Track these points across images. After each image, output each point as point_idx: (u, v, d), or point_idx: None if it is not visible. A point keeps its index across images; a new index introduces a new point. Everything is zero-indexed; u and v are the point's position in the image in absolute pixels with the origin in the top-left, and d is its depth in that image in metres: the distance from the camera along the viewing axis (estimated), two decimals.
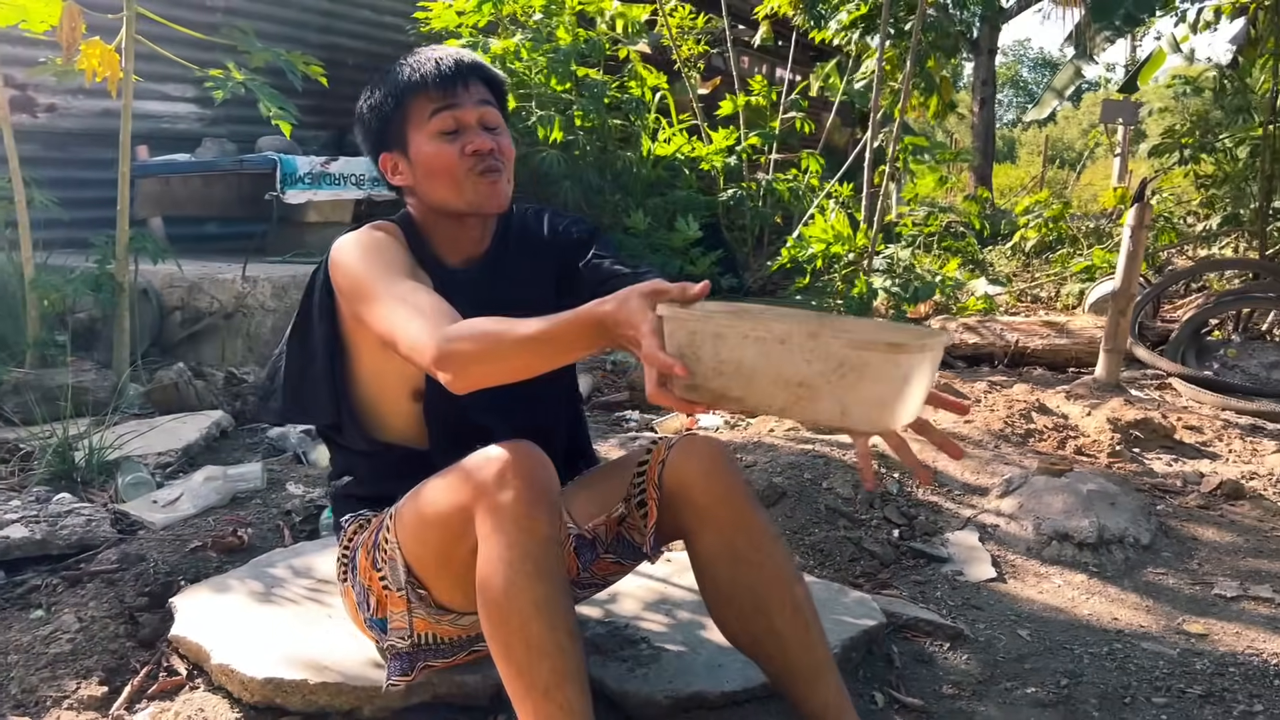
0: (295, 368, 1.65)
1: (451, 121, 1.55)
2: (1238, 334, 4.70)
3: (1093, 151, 41.28)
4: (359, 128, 1.65)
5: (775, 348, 1.06)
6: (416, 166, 1.57)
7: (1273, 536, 2.69)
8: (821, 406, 1.07)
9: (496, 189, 1.57)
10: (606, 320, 1.22)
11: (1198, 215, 8.18)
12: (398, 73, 1.59)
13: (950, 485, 2.80)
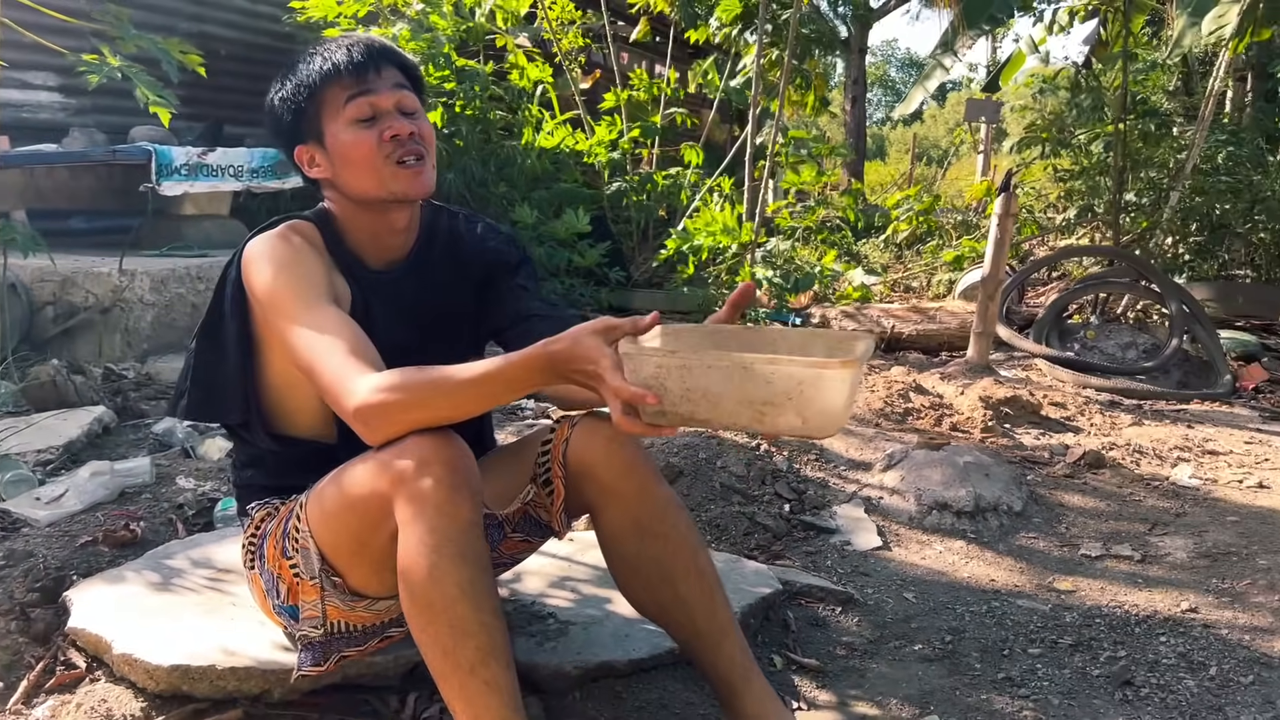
0: (206, 366, 1.63)
1: (367, 108, 1.53)
2: (1096, 317, 5.00)
3: (958, 149, 42.76)
4: (270, 122, 1.62)
5: (739, 373, 1.20)
6: (334, 157, 1.55)
7: (1131, 501, 2.89)
8: (783, 420, 1.21)
9: (420, 175, 1.56)
10: (558, 358, 1.29)
11: (1056, 208, 8.63)
12: (308, 62, 1.57)
13: (836, 461, 2.92)
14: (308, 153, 1.59)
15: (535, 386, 1.37)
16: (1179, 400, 4.15)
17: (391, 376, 1.37)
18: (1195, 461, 3.28)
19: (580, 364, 1.28)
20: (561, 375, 1.32)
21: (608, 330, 1.28)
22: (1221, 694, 1.82)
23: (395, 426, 1.36)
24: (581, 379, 1.30)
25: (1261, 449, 3.51)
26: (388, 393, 1.35)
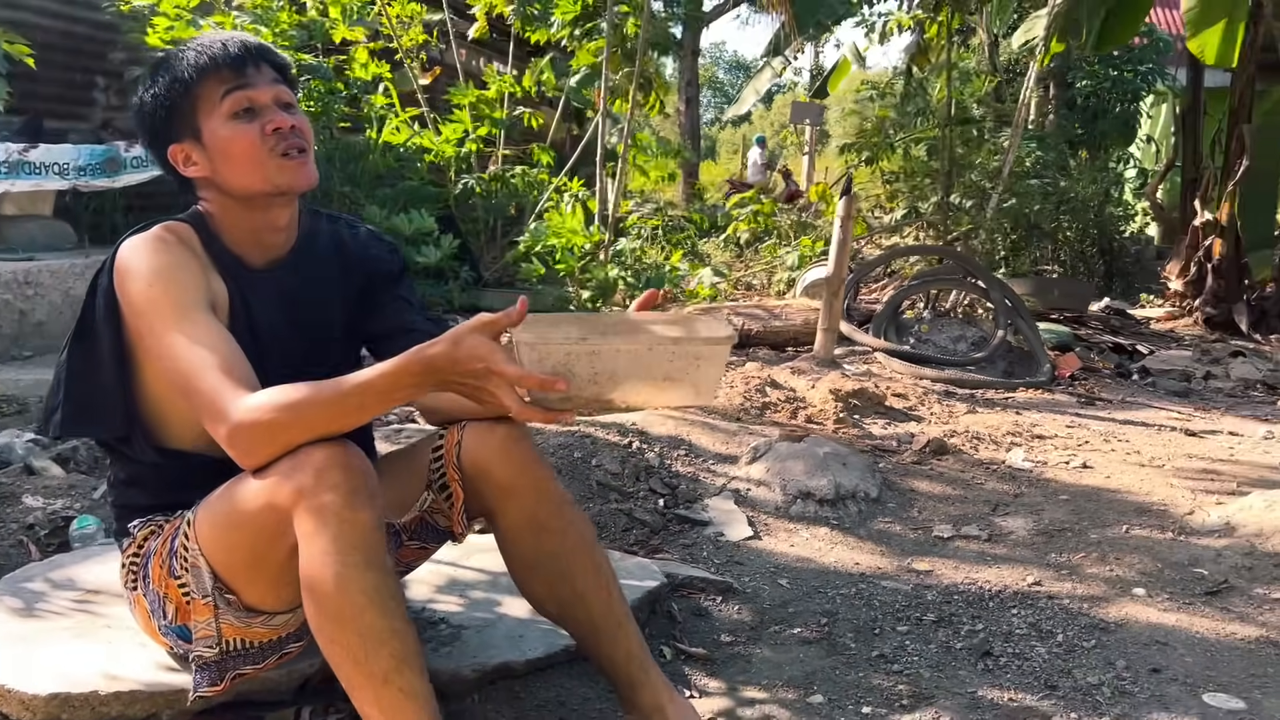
0: (79, 378, 1.55)
1: (246, 101, 1.49)
2: (928, 312, 5.30)
3: (783, 150, 44.19)
4: (140, 121, 1.56)
5: (644, 354, 1.29)
6: (213, 153, 1.51)
7: (974, 485, 3.10)
8: (679, 392, 1.34)
9: (304, 167, 1.53)
10: (439, 361, 1.29)
11: (884, 209, 9.08)
12: (180, 58, 1.52)
13: (704, 455, 3.01)
14: (183, 151, 1.54)
15: (413, 395, 1.38)
16: (1006, 389, 4.46)
17: (264, 397, 1.35)
18: (1026, 445, 3.54)
19: (466, 364, 1.28)
20: (442, 381, 1.32)
21: (486, 326, 1.29)
22: (1069, 658, 1.99)
23: (271, 448, 1.35)
24: (468, 379, 1.30)
25: (1082, 432, 3.82)
26: (261, 414, 1.34)
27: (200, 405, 1.39)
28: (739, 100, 11.81)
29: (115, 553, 2.01)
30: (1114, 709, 1.80)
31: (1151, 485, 3.12)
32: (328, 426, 1.36)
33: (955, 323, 5.03)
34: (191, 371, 1.40)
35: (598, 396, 1.31)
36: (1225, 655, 2.03)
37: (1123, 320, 6.64)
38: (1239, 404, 4.57)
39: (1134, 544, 2.60)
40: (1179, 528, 2.73)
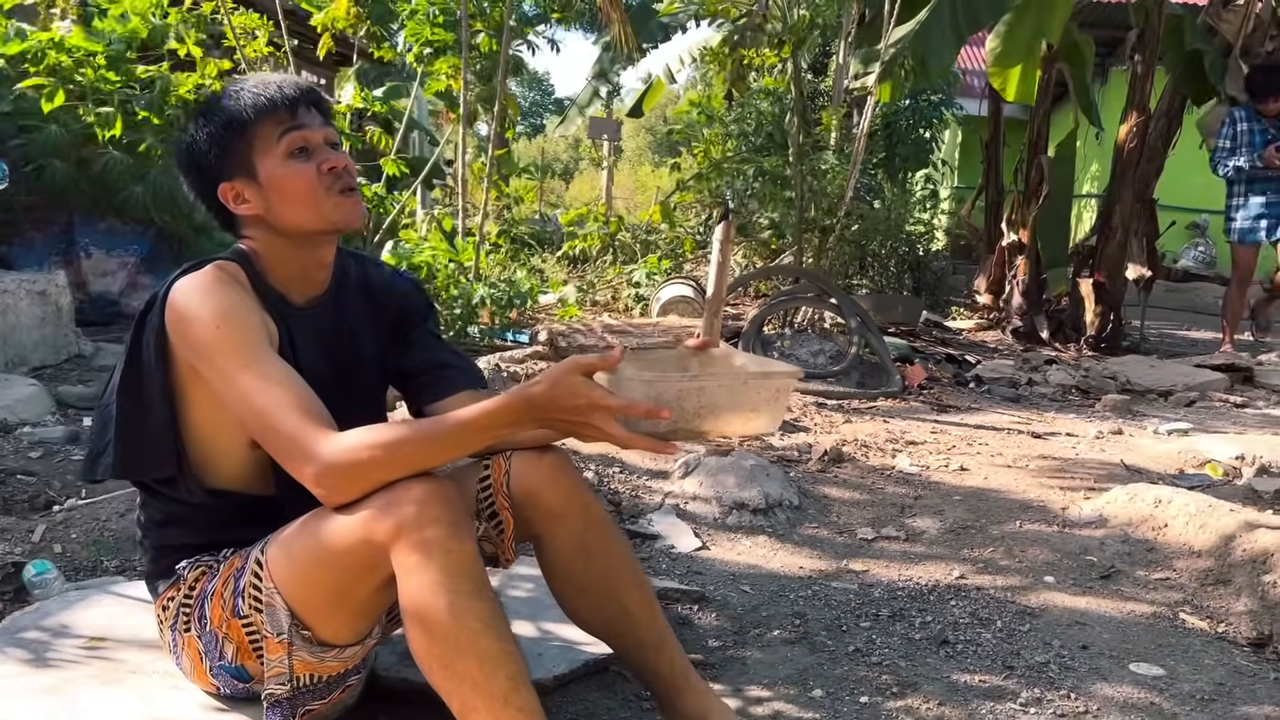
0: (129, 421, 1.52)
1: (301, 141, 1.54)
2: (788, 328, 5.62)
3: (579, 164, 44.75)
4: (190, 160, 1.56)
5: (740, 388, 1.44)
6: (269, 191, 1.53)
7: (876, 489, 3.37)
8: (760, 421, 1.49)
9: (358, 205, 1.59)
10: (539, 399, 1.38)
11: None
12: (235, 98, 1.54)
13: (637, 472, 3.14)
14: (234, 189, 1.56)
15: (511, 432, 1.45)
16: (868, 399, 4.81)
17: (357, 437, 1.40)
18: (906, 452, 3.86)
19: (567, 401, 1.38)
20: (539, 418, 1.41)
21: (583, 367, 1.40)
22: (1013, 641, 2.24)
23: (364, 486, 1.39)
24: (569, 415, 1.40)
25: (946, 437, 4.18)
26: (356, 453, 1.38)
27: (280, 446, 1.42)
28: (566, 119, 11.96)
29: (100, 596, 1.97)
30: (1065, 683, 2.05)
31: (1024, 484, 3.48)
32: (425, 464, 1.42)
33: (814, 338, 5.36)
34: (269, 412, 1.42)
35: (697, 427, 1.44)
36: (1133, 630, 2.34)
37: (943, 332, 7.24)
38: (1064, 407, 5.11)
39: (1030, 537, 2.92)
40: (1061, 521, 3.08)
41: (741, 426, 1.48)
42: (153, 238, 5.16)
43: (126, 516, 2.47)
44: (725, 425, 1.46)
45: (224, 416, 1.52)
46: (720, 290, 4.48)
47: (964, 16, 6.03)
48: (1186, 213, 11.02)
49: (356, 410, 1.55)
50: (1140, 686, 2.05)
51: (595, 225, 8.59)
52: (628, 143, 36.80)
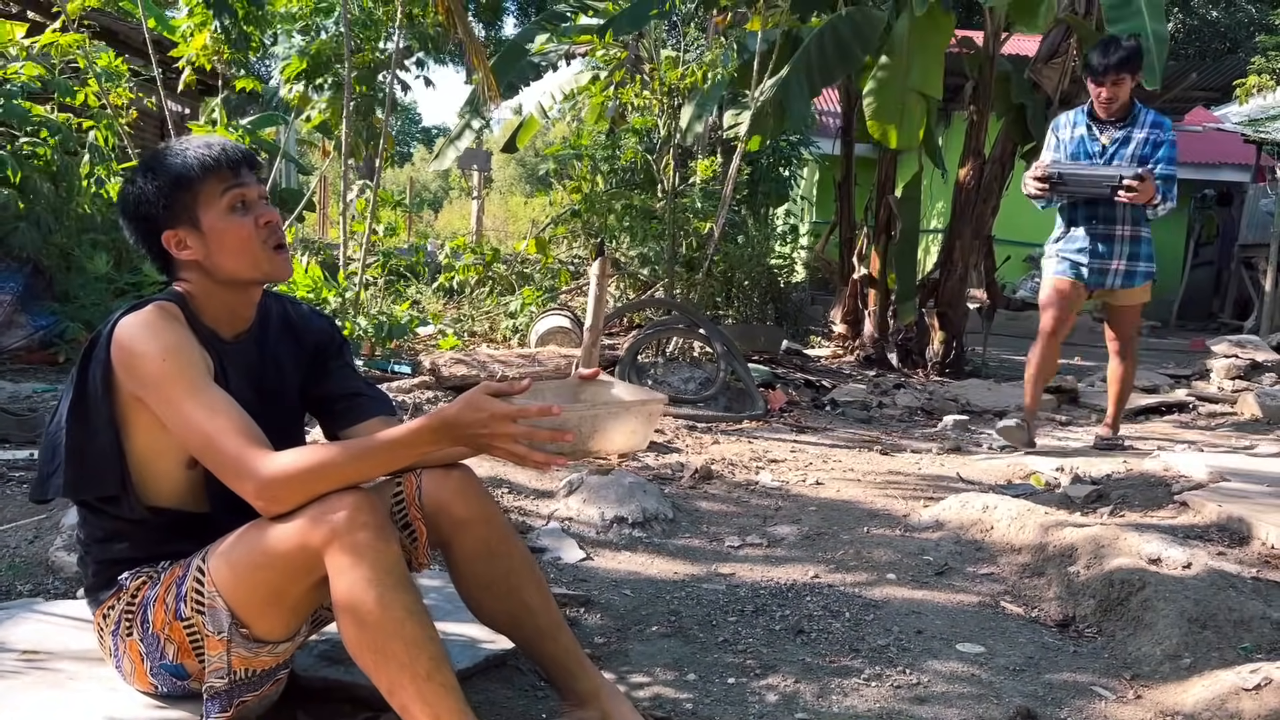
0: (77, 446, 1.69)
1: (241, 197, 1.75)
2: (661, 357, 5.95)
3: (448, 193, 44.36)
4: (135, 207, 1.74)
5: (624, 414, 1.72)
6: (210, 240, 1.73)
7: (742, 502, 3.69)
8: (636, 440, 1.78)
9: (288, 261, 1.81)
10: (452, 418, 1.61)
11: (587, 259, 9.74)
12: (180, 156, 1.73)
13: (524, 491, 3.37)
14: (177, 237, 1.75)
15: (431, 450, 1.68)
16: (734, 421, 5.16)
17: (293, 457, 1.62)
18: (769, 469, 4.20)
19: (474, 414, 1.61)
20: (454, 436, 1.65)
21: (492, 389, 1.66)
22: (859, 629, 2.57)
23: (299, 499, 1.61)
24: (474, 429, 1.64)
25: (803, 455, 4.56)
26: (293, 471, 1.60)
27: (224, 465, 1.62)
28: (440, 155, 12.09)
29: (26, 614, 2.11)
30: (902, 660, 2.39)
31: (872, 495, 3.87)
32: (355, 479, 1.65)
33: (684, 365, 5.70)
34: (213, 436, 1.62)
35: (589, 448, 1.71)
36: (961, 617, 2.70)
37: (802, 359, 7.70)
38: (910, 427, 5.58)
39: (876, 541, 3.28)
40: (904, 526, 3.46)
41: (623, 444, 1.76)
42: (28, 274, 5.14)
43: (36, 543, 2.57)
44: (611, 444, 1.74)
45: (164, 441, 1.71)
46: (598, 322, 4.78)
47: (819, 71, 6.55)
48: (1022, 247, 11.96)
49: (279, 433, 1.76)
50: (964, 662, 2.40)
51: (472, 257, 8.79)
52: (498, 173, 36.95)
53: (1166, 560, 2.83)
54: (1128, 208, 4.35)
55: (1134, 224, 4.46)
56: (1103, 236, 4.49)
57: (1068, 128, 4.59)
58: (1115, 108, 4.42)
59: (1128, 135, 4.42)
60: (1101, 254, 4.48)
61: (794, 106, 6.57)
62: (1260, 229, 14.15)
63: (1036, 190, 4.42)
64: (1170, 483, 3.97)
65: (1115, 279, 4.51)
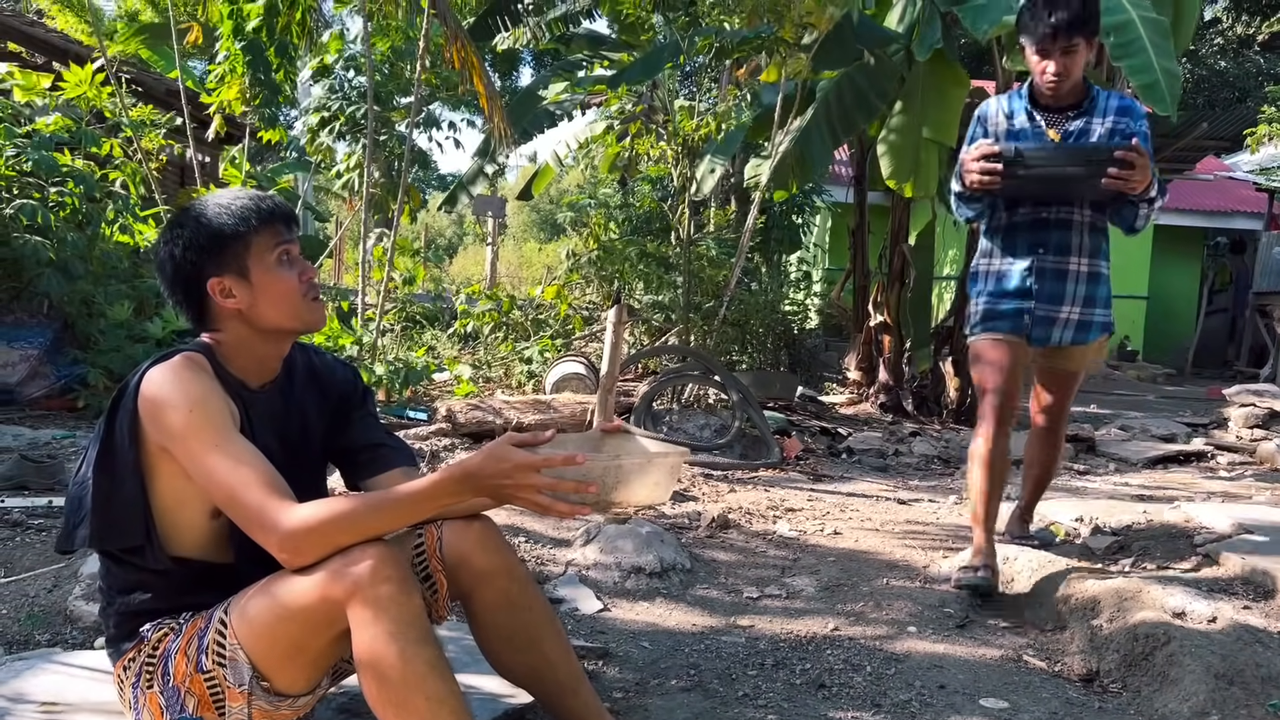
0: (103, 496, 1.70)
1: (287, 254, 1.79)
2: (676, 404, 5.95)
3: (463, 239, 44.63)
4: (184, 254, 1.76)
5: (648, 466, 1.72)
6: (258, 290, 1.76)
7: (759, 553, 3.67)
8: (659, 494, 1.78)
9: (324, 311, 1.85)
10: (474, 468, 1.62)
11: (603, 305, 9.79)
12: (230, 208, 1.77)
13: (541, 540, 3.36)
14: (222, 284, 1.78)
15: (453, 502, 1.69)
16: (750, 469, 5.14)
17: (316, 509, 1.62)
18: (786, 518, 4.18)
19: (496, 465, 1.62)
20: (476, 488, 1.65)
21: (515, 440, 1.66)
22: (881, 683, 2.54)
23: (322, 552, 1.62)
24: (496, 480, 1.63)
25: (821, 504, 4.54)
26: (315, 523, 1.61)
27: (247, 517, 1.63)
28: (453, 201, 12.24)
29: (44, 664, 2.10)
30: (925, 715, 2.36)
31: (891, 546, 3.84)
32: (377, 531, 1.65)
33: (700, 413, 5.70)
34: (237, 488, 1.63)
35: (613, 499, 1.72)
36: (983, 671, 2.67)
37: (817, 406, 7.69)
38: (927, 475, 5.55)
39: (896, 592, 3.25)
40: (923, 578, 3.43)
41: (646, 497, 1.76)
42: (57, 330, 5.20)
43: (55, 591, 2.57)
44: (634, 497, 1.74)
45: (188, 491, 1.71)
46: (614, 370, 4.79)
47: (839, 122, 6.62)
48: None
49: (303, 483, 1.77)
50: (988, 718, 2.36)
51: (488, 304, 8.83)
52: (513, 219, 37.31)
53: (1191, 614, 2.80)
54: (1084, 233, 3.14)
55: (1092, 255, 3.18)
56: (1053, 272, 3.15)
57: (1000, 116, 3.20)
58: (1066, 87, 3.06)
59: (1085, 126, 3.10)
60: (1050, 296, 3.16)
61: (816, 158, 6.64)
62: (1274, 277, 14.12)
63: (981, 180, 3.00)
64: (1192, 534, 3.93)
65: (1065, 332, 3.20)
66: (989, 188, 3.02)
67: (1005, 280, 3.22)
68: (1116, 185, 2.90)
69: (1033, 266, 3.16)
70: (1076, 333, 3.21)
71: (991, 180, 2.98)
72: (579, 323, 8.94)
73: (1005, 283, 3.22)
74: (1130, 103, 3.13)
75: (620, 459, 1.71)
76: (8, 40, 8.16)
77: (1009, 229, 3.22)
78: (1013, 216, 3.20)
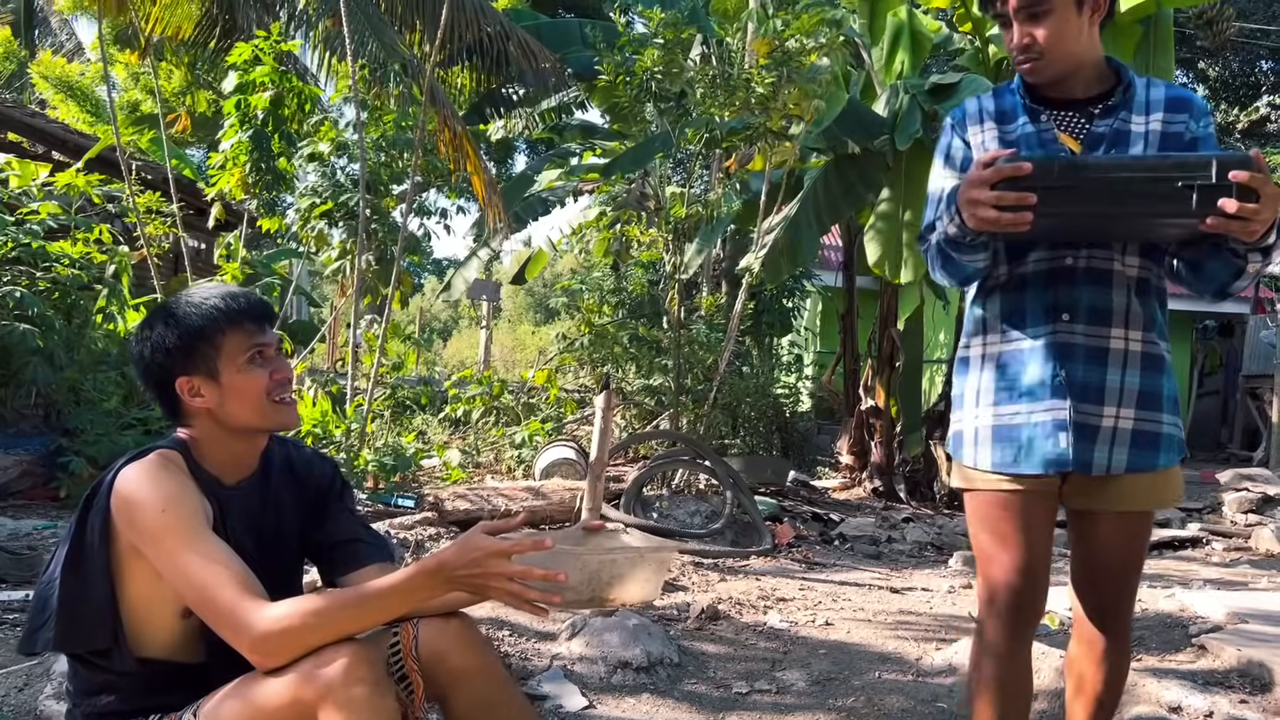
0: (72, 597, 1.67)
1: (260, 353, 1.77)
2: (666, 489, 5.91)
3: (458, 322, 44.74)
4: (152, 354, 1.75)
5: (639, 560, 1.68)
6: (226, 391, 1.74)
7: (749, 645, 3.60)
8: (649, 589, 1.73)
9: (295, 411, 1.83)
10: (450, 563, 1.59)
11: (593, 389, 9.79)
12: (201, 308, 1.75)
13: (526, 633, 3.30)
14: (191, 384, 1.76)
15: (428, 596, 1.66)
16: (742, 557, 5.08)
17: (287, 609, 1.59)
18: (777, 608, 4.12)
19: (467, 555, 1.58)
20: (449, 580, 1.62)
21: (488, 528, 1.64)
22: None
23: (295, 651, 1.58)
24: (468, 569, 1.60)
25: (813, 594, 4.47)
26: (288, 622, 1.57)
27: (219, 617, 1.60)
28: (450, 285, 12.34)
29: None
30: None
31: (883, 638, 3.77)
32: (350, 629, 1.62)
33: (690, 498, 5.66)
34: (208, 587, 1.60)
35: (605, 595, 1.69)
36: None
37: (810, 491, 7.64)
38: (920, 563, 5.49)
39: (888, 686, 3.19)
40: (916, 671, 3.36)
41: (637, 594, 1.73)
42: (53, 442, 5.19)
43: (26, 690, 2.51)
44: (626, 593, 1.71)
45: (159, 591, 1.68)
46: (603, 456, 4.76)
47: (827, 210, 6.72)
48: None
49: (278, 580, 1.74)
50: None
51: (478, 388, 8.82)
52: (507, 302, 37.53)
53: (1187, 709, 2.75)
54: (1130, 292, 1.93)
55: (1146, 327, 1.95)
56: (1085, 351, 1.92)
57: (987, 122, 2.03)
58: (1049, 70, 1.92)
59: (1120, 128, 1.94)
60: (1083, 390, 1.91)
61: (805, 247, 6.73)
62: (1263, 360, 14.20)
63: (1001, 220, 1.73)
64: (1187, 624, 3.88)
65: (1115, 451, 1.91)
66: (1014, 229, 1.74)
67: (1011, 370, 1.97)
68: (1229, 228, 1.68)
69: (1052, 343, 1.92)
70: (1135, 453, 1.91)
71: (1020, 220, 1.71)
72: (571, 406, 8.93)
73: (1012, 375, 1.97)
74: (1186, 94, 1.98)
75: (612, 551, 1.68)
76: (9, 130, 8.30)
77: (1014, 287, 1.98)
78: (1018, 267, 1.97)
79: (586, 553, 1.65)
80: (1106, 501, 1.95)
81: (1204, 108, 1.98)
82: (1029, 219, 1.72)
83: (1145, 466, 1.92)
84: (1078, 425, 1.90)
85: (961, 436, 2.05)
